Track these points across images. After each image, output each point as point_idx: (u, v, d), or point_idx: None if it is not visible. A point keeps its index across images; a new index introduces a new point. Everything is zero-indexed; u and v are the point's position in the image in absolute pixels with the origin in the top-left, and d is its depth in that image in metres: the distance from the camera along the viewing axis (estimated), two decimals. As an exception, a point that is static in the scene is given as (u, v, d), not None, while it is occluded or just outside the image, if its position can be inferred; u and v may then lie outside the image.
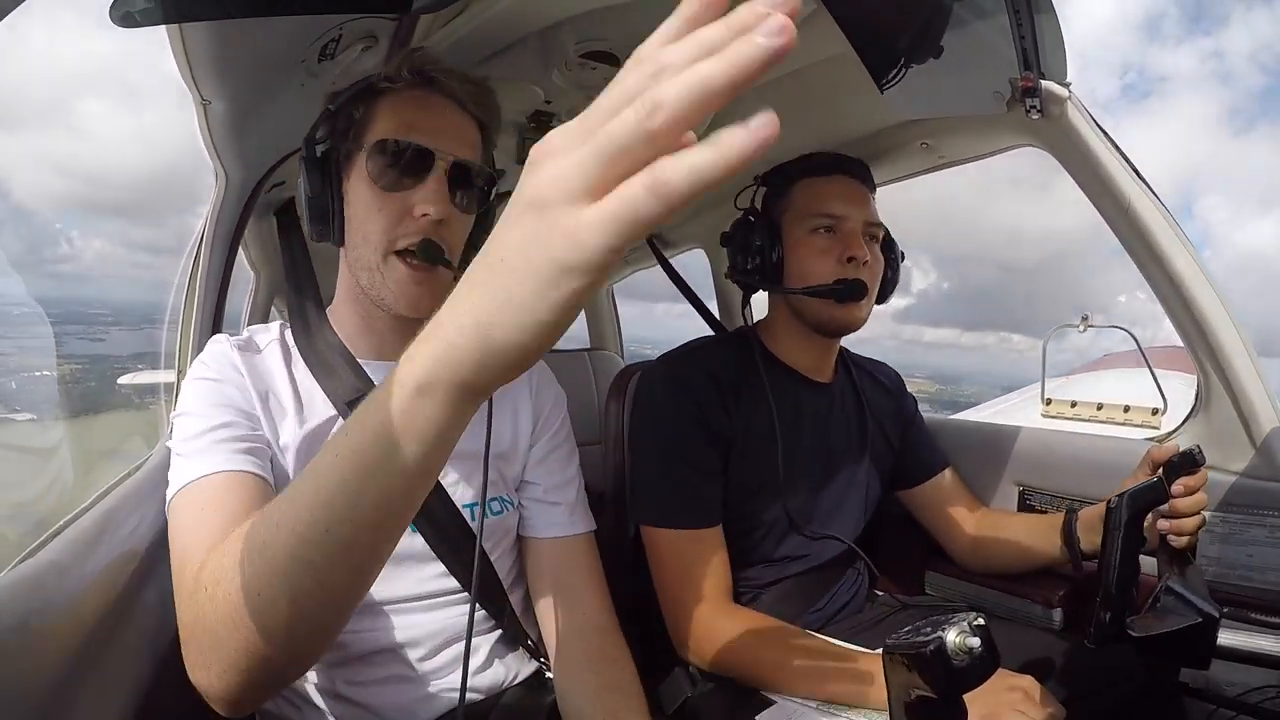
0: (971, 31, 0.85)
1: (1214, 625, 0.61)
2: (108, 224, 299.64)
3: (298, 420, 0.76)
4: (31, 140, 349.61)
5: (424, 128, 0.76)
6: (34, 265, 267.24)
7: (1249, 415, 0.95)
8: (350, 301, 0.83)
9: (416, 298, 0.76)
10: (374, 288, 0.77)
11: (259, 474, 0.67)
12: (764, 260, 1.06)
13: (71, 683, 0.53)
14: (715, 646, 0.95)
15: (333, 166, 0.77)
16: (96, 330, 15.07)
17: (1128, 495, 0.65)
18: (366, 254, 0.76)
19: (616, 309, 2.53)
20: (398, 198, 0.75)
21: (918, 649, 0.44)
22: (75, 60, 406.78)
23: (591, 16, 0.91)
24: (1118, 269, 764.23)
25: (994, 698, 0.75)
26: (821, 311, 1.05)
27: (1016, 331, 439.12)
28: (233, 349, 0.77)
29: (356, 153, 0.77)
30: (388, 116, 0.77)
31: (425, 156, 0.75)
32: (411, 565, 0.79)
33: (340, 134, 0.78)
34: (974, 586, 1.20)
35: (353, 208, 0.77)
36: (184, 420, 0.71)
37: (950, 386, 71.98)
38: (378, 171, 0.75)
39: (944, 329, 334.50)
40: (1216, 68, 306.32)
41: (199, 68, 0.80)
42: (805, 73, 1.12)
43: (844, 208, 1.04)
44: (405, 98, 0.78)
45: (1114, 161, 0.93)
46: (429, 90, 0.78)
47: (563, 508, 0.89)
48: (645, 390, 1.08)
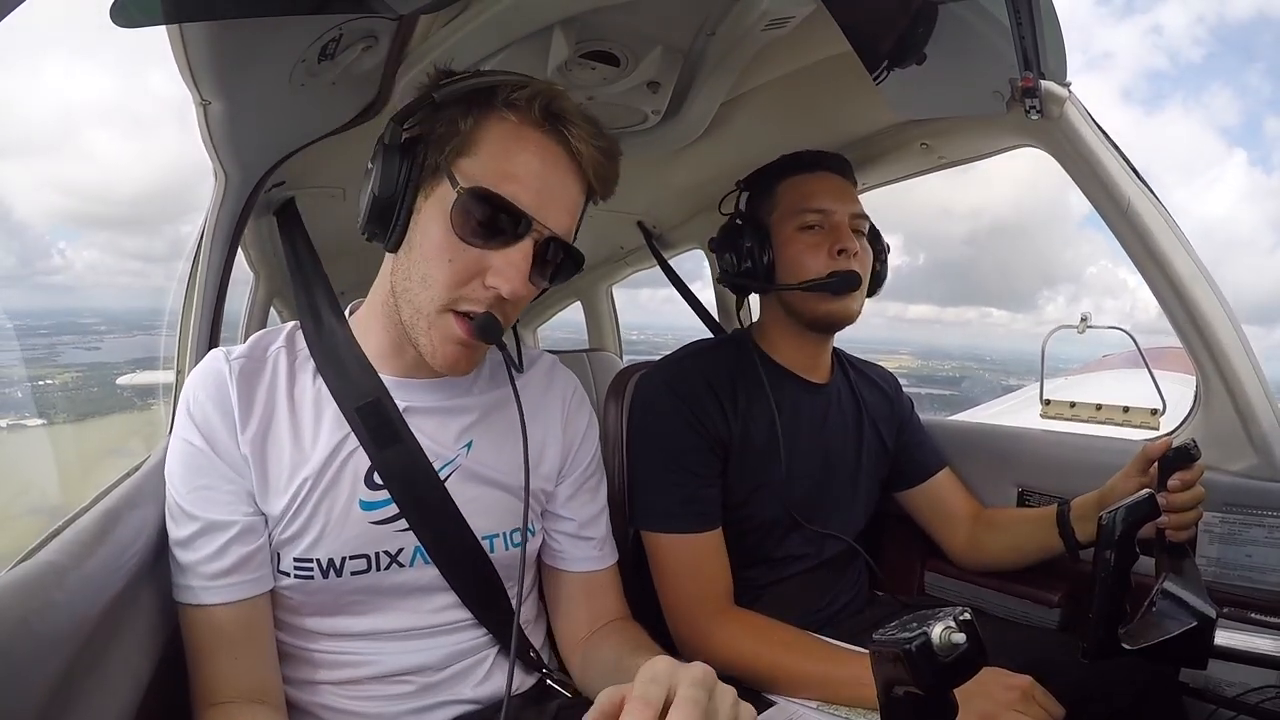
0: (971, 31, 0.85)
1: (1210, 625, 0.61)
2: (100, 235, 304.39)
3: (301, 450, 0.73)
4: (39, 165, 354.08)
5: (530, 185, 0.67)
6: (26, 278, 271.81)
7: (1248, 415, 0.95)
8: (382, 315, 0.76)
9: (455, 360, 0.71)
10: (415, 330, 0.71)
11: (252, 595, 0.70)
12: (755, 262, 1.07)
13: (71, 683, 0.53)
14: (716, 647, 0.95)
15: (414, 167, 0.68)
16: (91, 339, 15.29)
17: (1120, 510, 0.65)
18: (421, 298, 0.69)
19: (616, 311, 2.53)
20: (474, 253, 0.66)
21: (902, 645, 0.43)
22: (82, 92, 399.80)
23: (591, 16, 0.91)
24: (1084, 243, 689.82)
25: (992, 697, 0.75)
26: (818, 306, 1.05)
27: (995, 306, 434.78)
28: (231, 379, 0.72)
29: (445, 177, 0.67)
30: (495, 153, 0.67)
31: (519, 221, 0.66)
32: (425, 596, 0.77)
33: (437, 138, 0.68)
34: (973, 586, 1.21)
35: (420, 235, 0.68)
36: (173, 503, 0.71)
37: (932, 362, 73.08)
38: (462, 220, 0.66)
39: (922, 305, 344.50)
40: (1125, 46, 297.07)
41: (199, 68, 0.79)
42: (805, 73, 1.12)
43: (830, 202, 1.05)
44: (523, 135, 0.68)
45: (1113, 161, 0.93)
46: (553, 139, 0.69)
47: (594, 543, 0.88)
48: (642, 397, 1.08)
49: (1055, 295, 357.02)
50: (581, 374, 1.77)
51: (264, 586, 0.71)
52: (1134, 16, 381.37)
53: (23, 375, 3.71)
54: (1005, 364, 73.61)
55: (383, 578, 0.75)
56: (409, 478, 0.74)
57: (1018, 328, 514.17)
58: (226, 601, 0.69)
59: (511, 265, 0.66)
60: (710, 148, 1.32)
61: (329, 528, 0.72)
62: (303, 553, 0.72)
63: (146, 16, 0.63)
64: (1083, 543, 0.99)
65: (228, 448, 0.71)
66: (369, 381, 0.75)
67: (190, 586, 0.69)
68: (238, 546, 0.69)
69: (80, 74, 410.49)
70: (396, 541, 0.75)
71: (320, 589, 0.73)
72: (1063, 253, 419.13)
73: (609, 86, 1.07)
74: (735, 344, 1.13)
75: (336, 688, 0.76)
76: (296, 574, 0.72)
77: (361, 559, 0.73)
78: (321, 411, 0.75)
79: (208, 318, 1.06)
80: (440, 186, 0.68)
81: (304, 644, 0.76)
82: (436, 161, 0.68)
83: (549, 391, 0.87)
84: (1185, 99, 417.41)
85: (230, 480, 0.71)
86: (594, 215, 0.81)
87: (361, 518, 0.73)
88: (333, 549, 0.72)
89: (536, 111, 0.68)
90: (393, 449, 0.74)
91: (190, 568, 0.69)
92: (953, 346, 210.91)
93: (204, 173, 1.00)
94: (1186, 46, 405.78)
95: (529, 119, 0.68)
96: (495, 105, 0.68)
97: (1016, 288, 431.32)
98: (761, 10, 0.89)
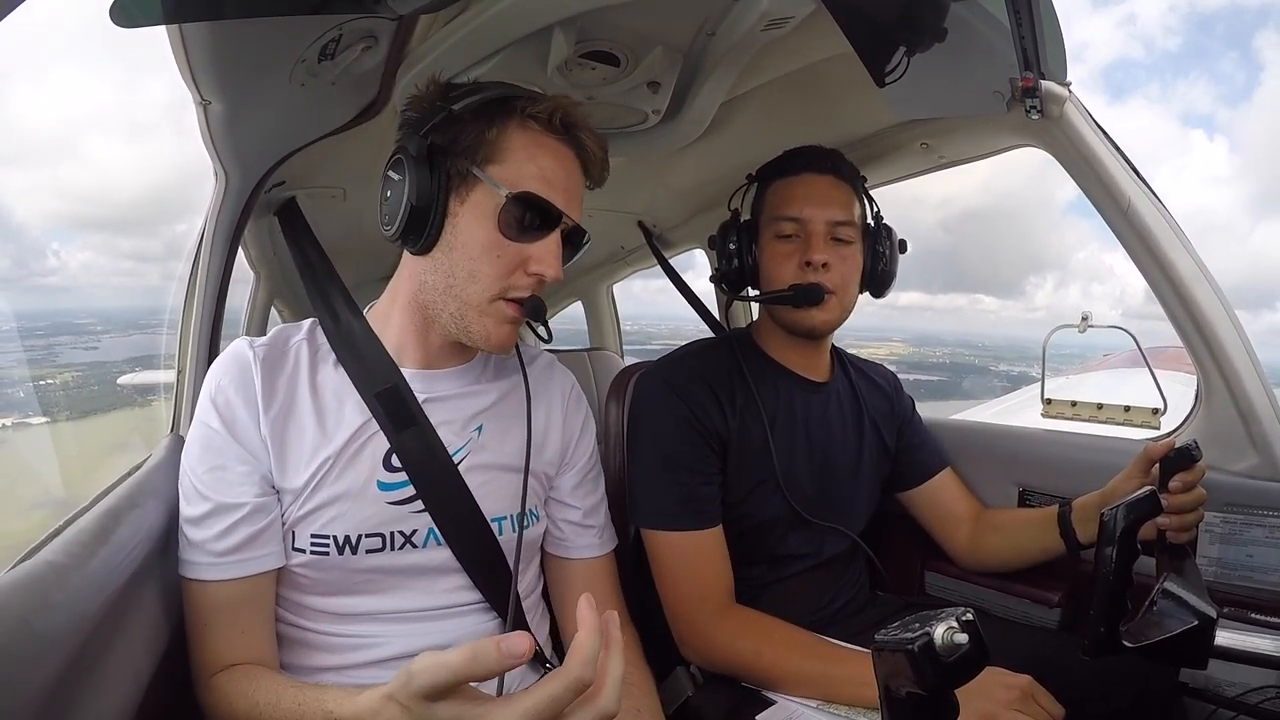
0: (971, 31, 0.85)
1: (1211, 625, 0.60)
2: (95, 236, 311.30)
3: (324, 432, 0.77)
4: (41, 172, 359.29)
5: (560, 186, 0.76)
6: (20, 279, 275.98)
7: (1249, 415, 0.95)
8: (406, 312, 0.82)
9: (506, 341, 0.79)
10: (463, 320, 0.77)
11: (255, 574, 0.73)
12: (741, 264, 1.08)
13: (71, 683, 0.53)
14: (716, 646, 0.95)
15: (443, 176, 0.75)
16: (88, 340, 15.43)
17: (1122, 508, 0.65)
18: (472, 292, 0.76)
19: (617, 310, 2.53)
20: (516, 248, 0.75)
21: (904, 645, 0.43)
22: (84, 101, 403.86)
23: (591, 16, 0.91)
24: (1068, 229, 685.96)
25: (992, 696, 0.75)
26: (785, 316, 1.06)
27: (984, 293, 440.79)
28: (255, 364, 0.76)
29: (482, 182, 0.74)
30: (526, 160, 0.75)
31: (553, 217, 0.76)
32: (436, 577, 0.80)
33: (464, 148, 0.75)
34: (974, 586, 1.21)
35: (463, 238, 0.75)
36: (188, 482, 0.75)
37: (924, 348, 73.72)
38: (509, 220, 0.74)
39: (912, 293, 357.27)
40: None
41: (199, 68, 0.79)
42: (805, 73, 1.12)
43: (805, 209, 1.03)
44: (546, 146, 0.77)
45: (1113, 161, 0.93)
46: (567, 144, 0.78)
47: (595, 530, 0.93)
48: (641, 396, 1.08)
49: (1043, 281, 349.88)
50: (582, 373, 1.78)
51: (267, 565, 0.74)
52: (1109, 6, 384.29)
53: (24, 375, 3.78)
54: (997, 351, 73.58)
55: (396, 557, 0.77)
56: (425, 460, 0.79)
57: (1008, 314, 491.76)
58: (230, 578, 0.72)
59: (550, 254, 0.76)
60: (710, 148, 1.32)
61: (347, 505, 0.76)
62: (320, 529, 0.75)
63: (146, 16, 0.63)
64: (1084, 543, 0.99)
65: (247, 430, 0.74)
66: (387, 369, 0.80)
67: (197, 563, 0.73)
68: (245, 527, 0.72)
69: (82, 83, 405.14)
70: (411, 522, 0.78)
71: (334, 566, 0.75)
72: (1048, 239, 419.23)
73: (609, 86, 1.07)
74: (734, 343, 1.13)
75: (342, 674, 0.77)
76: (313, 550, 0.75)
77: (377, 537, 0.76)
78: (344, 399, 0.79)
79: (208, 318, 1.06)
80: (475, 191, 0.75)
81: (311, 625, 0.77)
82: (467, 169, 0.75)
83: (549, 385, 0.93)
84: (1163, 86, 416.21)
85: (244, 462, 0.74)
86: (594, 215, 0.83)
87: (379, 497, 0.77)
88: (349, 526, 0.75)
89: (557, 123, 0.77)
90: (409, 430, 0.79)
91: (198, 545, 0.73)
92: (945, 333, 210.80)
93: (200, 174, 1.00)
94: (1160, 35, 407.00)
95: (550, 128, 0.77)
96: (515, 115, 0.76)
97: (1003, 275, 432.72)
98: (761, 10, 0.89)
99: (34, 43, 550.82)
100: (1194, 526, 0.83)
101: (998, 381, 36.25)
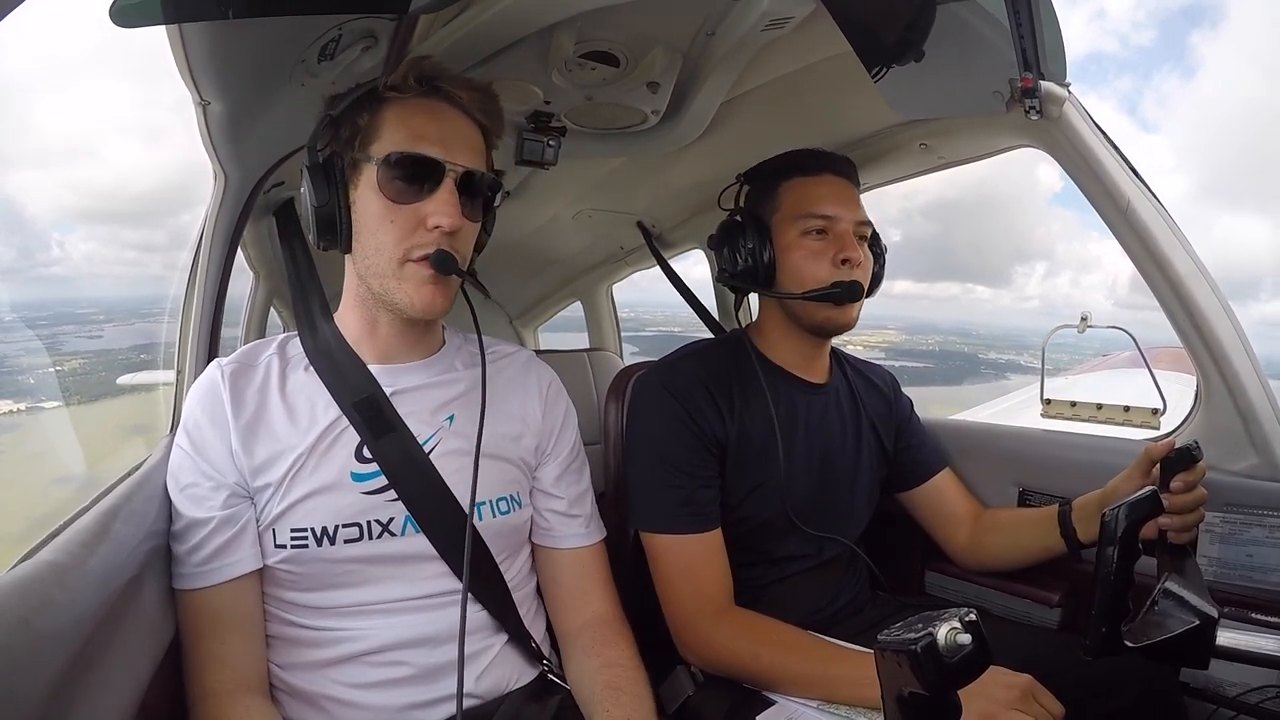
0: (971, 31, 0.85)
1: (1212, 625, 0.60)
2: (100, 228, 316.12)
3: (296, 430, 0.79)
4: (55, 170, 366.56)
5: (433, 138, 0.77)
6: (25, 270, 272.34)
7: (1248, 415, 0.95)
8: (357, 306, 0.85)
9: (431, 300, 0.79)
10: (388, 293, 0.79)
11: (233, 578, 0.76)
12: (756, 263, 1.06)
13: (71, 683, 0.53)
14: (716, 647, 0.95)
15: (337, 174, 0.78)
16: (91, 329, 15.47)
17: (1123, 507, 0.65)
18: (380, 263, 0.78)
19: (616, 310, 2.52)
20: (409, 209, 0.76)
21: (908, 645, 0.43)
22: (103, 109, 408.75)
23: (591, 16, 0.91)
24: (1055, 220, 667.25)
25: (992, 696, 0.75)
26: (817, 314, 1.05)
27: (977, 282, 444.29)
28: (224, 381, 0.80)
29: (364, 163, 0.77)
30: (395, 126, 0.77)
31: (436, 168, 0.76)
32: (413, 565, 0.80)
33: (345, 141, 0.79)
34: (974, 586, 1.20)
35: (362, 217, 0.78)
36: (172, 500, 0.78)
37: (917, 337, 74.24)
38: (389, 184, 0.76)
39: (904, 281, 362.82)
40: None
41: (198, 68, 0.79)
42: (805, 73, 1.12)
43: (835, 209, 1.04)
44: (412, 106, 0.78)
45: (1113, 162, 0.93)
46: (436, 99, 0.79)
47: (581, 519, 0.94)
48: (639, 398, 1.08)
49: (1031, 270, 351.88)
50: (581, 374, 1.77)
51: (245, 568, 0.76)
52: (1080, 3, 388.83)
53: (34, 363, 3.90)
54: (991, 339, 73.53)
55: (375, 546, 0.79)
56: (394, 450, 0.81)
57: (1001, 303, 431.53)
58: (209, 585, 0.75)
59: (442, 204, 0.76)
60: (710, 148, 1.32)
61: (322, 498, 0.78)
62: (298, 523, 0.77)
63: (146, 17, 0.63)
64: (1084, 543, 0.99)
65: (214, 449, 0.77)
66: (361, 377, 0.82)
67: (181, 574, 0.76)
68: (215, 537, 0.76)
69: (101, 92, 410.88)
70: (387, 511, 0.80)
71: (314, 559, 0.77)
72: (1034, 229, 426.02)
73: (609, 86, 1.07)
74: (732, 344, 1.13)
75: (327, 669, 0.77)
76: (293, 544, 0.77)
77: (354, 527, 0.78)
78: (315, 399, 0.81)
79: (208, 318, 1.06)
80: (362, 173, 0.78)
81: (298, 620, 0.78)
82: (352, 158, 0.78)
83: (526, 379, 0.95)
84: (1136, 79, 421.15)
85: (210, 478, 0.77)
86: (594, 215, 0.83)
87: (354, 488, 0.79)
88: (326, 518, 0.77)
89: (413, 82, 0.78)
90: (387, 437, 0.81)
91: (180, 557, 0.76)
92: (940, 321, 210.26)
93: (205, 169, 1.00)
94: (1131, 31, 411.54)
95: (411, 90, 0.78)
96: (380, 94, 0.79)
97: (992, 266, 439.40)
98: (761, 10, 0.89)
99: (56, 56, 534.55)
100: (1195, 526, 0.83)
101: (986, 369, 36.17)
